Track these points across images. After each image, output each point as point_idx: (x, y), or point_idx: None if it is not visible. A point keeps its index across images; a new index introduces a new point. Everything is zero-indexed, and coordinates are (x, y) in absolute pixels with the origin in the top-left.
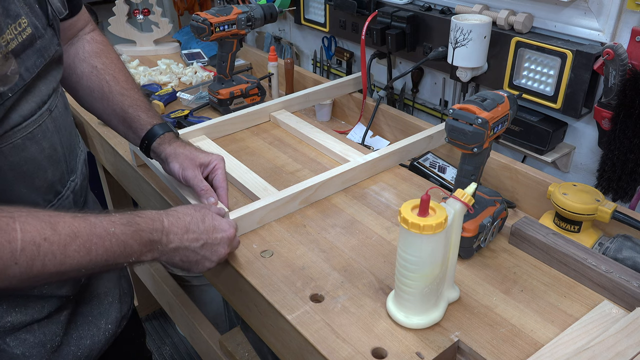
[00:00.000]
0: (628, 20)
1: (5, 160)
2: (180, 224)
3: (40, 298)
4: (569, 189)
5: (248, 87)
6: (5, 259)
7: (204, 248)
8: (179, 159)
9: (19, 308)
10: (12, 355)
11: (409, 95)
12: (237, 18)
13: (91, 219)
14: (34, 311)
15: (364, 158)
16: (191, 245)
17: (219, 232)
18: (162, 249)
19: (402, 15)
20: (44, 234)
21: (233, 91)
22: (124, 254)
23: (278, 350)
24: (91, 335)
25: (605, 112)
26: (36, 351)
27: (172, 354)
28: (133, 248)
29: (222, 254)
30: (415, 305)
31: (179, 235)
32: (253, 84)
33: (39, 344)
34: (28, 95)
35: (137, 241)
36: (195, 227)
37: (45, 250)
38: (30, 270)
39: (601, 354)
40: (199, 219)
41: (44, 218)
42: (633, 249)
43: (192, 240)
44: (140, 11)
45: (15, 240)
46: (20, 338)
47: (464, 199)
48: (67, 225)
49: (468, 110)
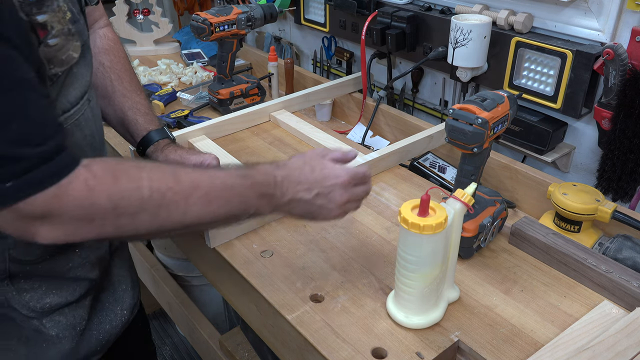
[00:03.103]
0: (628, 20)
1: None
2: (291, 177)
3: (74, 281)
4: (569, 189)
5: (248, 87)
6: (135, 205)
7: (318, 197)
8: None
9: (56, 290)
10: (48, 336)
11: (409, 95)
12: (237, 18)
13: (210, 172)
14: (68, 293)
15: (364, 158)
16: (304, 197)
17: (330, 179)
18: (277, 202)
19: (402, 15)
20: (168, 184)
21: (233, 91)
22: (242, 206)
23: (278, 350)
24: (109, 320)
25: (605, 112)
26: (68, 332)
27: (172, 354)
28: (251, 201)
29: (340, 200)
30: (415, 305)
31: (291, 188)
32: (253, 84)
33: (70, 326)
34: (72, 80)
35: (254, 194)
36: (305, 179)
37: (169, 199)
38: (156, 217)
39: (601, 354)
40: (308, 170)
41: (167, 169)
42: (633, 249)
43: (304, 191)
44: (140, 11)
45: (143, 188)
46: (54, 320)
47: (464, 199)
48: (188, 176)
49: (468, 110)
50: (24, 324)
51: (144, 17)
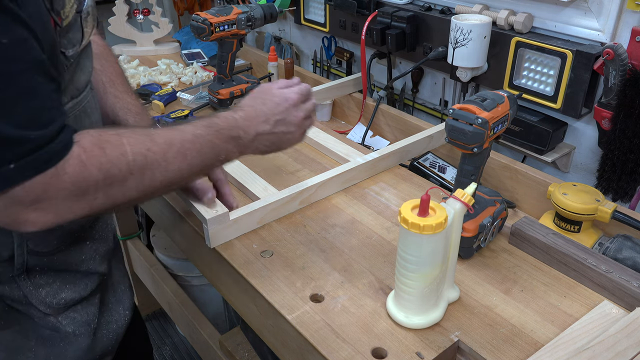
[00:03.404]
0: (628, 20)
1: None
2: (249, 115)
3: (86, 275)
4: (569, 189)
5: (248, 87)
6: (124, 171)
7: (278, 125)
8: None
9: (70, 285)
10: (66, 333)
11: (409, 95)
12: (237, 18)
13: (179, 127)
14: (80, 288)
15: (364, 158)
16: (265, 129)
17: (282, 103)
18: (244, 142)
19: (402, 15)
20: (146, 145)
21: (233, 91)
22: (213, 153)
23: (278, 350)
24: (115, 320)
25: (605, 112)
26: (84, 329)
27: (172, 354)
28: (220, 146)
29: (296, 119)
30: (415, 305)
31: (252, 126)
32: (253, 84)
33: (85, 322)
34: (79, 69)
35: (221, 139)
36: (261, 112)
37: (151, 160)
38: (143, 179)
39: (601, 354)
40: (260, 104)
41: (141, 132)
42: (633, 249)
43: (263, 123)
44: (140, 11)
45: (127, 154)
46: (70, 317)
47: (464, 199)
48: (161, 135)
49: (468, 110)
50: (41, 321)
51: (144, 17)
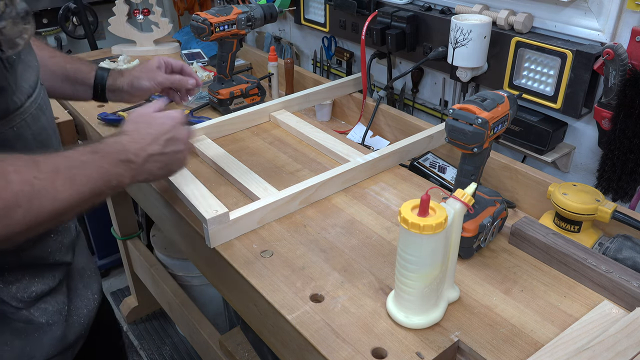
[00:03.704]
0: (628, 20)
1: (29, 130)
2: (136, 138)
3: (53, 266)
4: (569, 189)
5: (248, 87)
6: (10, 202)
7: (168, 144)
8: (142, 77)
9: (38, 278)
10: (39, 324)
11: (409, 95)
12: (237, 18)
13: (64, 154)
14: (49, 280)
15: (364, 158)
16: (156, 150)
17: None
18: (135, 165)
19: (402, 15)
20: (33, 173)
21: (233, 91)
22: (103, 179)
23: (278, 350)
24: (85, 304)
25: (605, 112)
26: (56, 318)
27: (172, 354)
28: (110, 172)
29: (184, 136)
30: (415, 305)
31: (141, 147)
32: (253, 84)
33: (57, 312)
34: (26, 67)
35: (110, 164)
36: (147, 134)
37: (38, 188)
38: (30, 210)
39: (601, 354)
40: (145, 127)
41: (27, 159)
42: (633, 249)
43: (153, 144)
44: (140, 11)
45: (13, 182)
46: (41, 308)
47: (464, 199)
48: (47, 162)
49: (468, 110)
50: (14, 316)
51: (144, 17)
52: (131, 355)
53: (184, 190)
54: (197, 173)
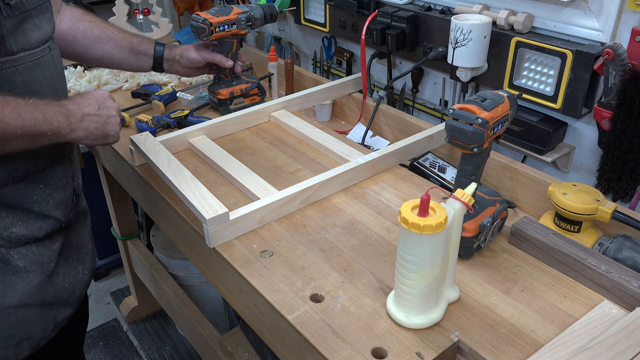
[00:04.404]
0: (628, 20)
1: (20, 77)
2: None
3: (39, 217)
4: (569, 189)
5: (248, 87)
6: None
7: (101, 108)
8: (190, 50)
9: (22, 223)
10: (16, 267)
11: (409, 95)
12: (237, 18)
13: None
14: (34, 229)
15: (364, 158)
16: (91, 111)
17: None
18: (74, 120)
19: (402, 15)
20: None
21: (233, 91)
22: (45, 119)
23: (278, 350)
24: (74, 274)
25: (605, 112)
26: (35, 267)
27: (172, 354)
28: (51, 116)
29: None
30: (415, 305)
31: (79, 107)
32: (253, 84)
33: (37, 261)
34: (32, 27)
35: (53, 111)
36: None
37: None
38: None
39: (601, 354)
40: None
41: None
42: (633, 249)
43: (89, 106)
44: (140, 11)
45: None
46: (22, 252)
47: (464, 199)
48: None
49: (468, 110)
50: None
51: (144, 17)
52: (131, 355)
53: (184, 190)
54: (197, 173)
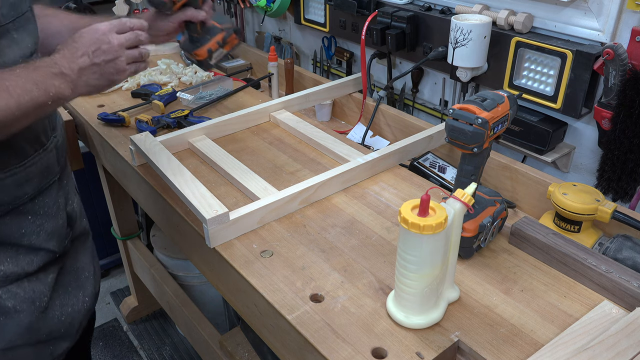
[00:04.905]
0: (628, 20)
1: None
2: (65, 53)
3: (30, 250)
4: (569, 189)
5: (225, 36)
6: None
7: (97, 55)
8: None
9: (11, 259)
10: (4, 307)
11: (409, 95)
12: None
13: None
14: (25, 263)
15: (364, 158)
16: (86, 62)
17: (91, 33)
18: (71, 79)
19: (402, 15)
20: None
21: (210, 48)
22: (39, 88)
23: (278, 350)
24: (72, 304)
25: (605, 112)
26: (26, 306)
27: (172, 354)
28: (45, 82)
29: (116, 42)
30: (415, 305)
31: (71, 61)
32: (229, 30)
33: (29, 299)
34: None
35: (45, 76)
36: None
37: None
38: None
39: (601, 354)
40: (71, 42)
41: None
42: (633, 249)
43: (82, 57)
44: (140, 11)
45: None
46: (11, 291)
47: (464, 199)
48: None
49: (468, 110)
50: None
51: None
52: (131, 355)
53: (184, 190)
54: (197, 173)
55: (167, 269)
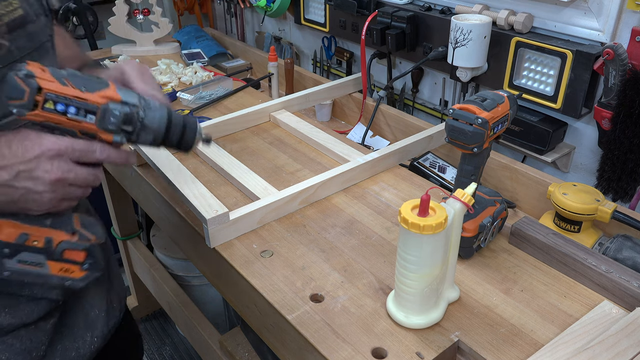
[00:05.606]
0: (628, 20)
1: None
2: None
3: (31, 300)
4: (569, 189)
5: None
6: None
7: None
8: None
9: (9, 309)
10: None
11: (409, 95)
12: (101, 107)
13: None
14: (24, 314)
15: (364, 158)
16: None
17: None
18: None
19: (402, 15)
20: None
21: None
22: None
23: (278, 350)
24: (76, 347)
25: (605, 112)
26: (21, 358)
27: (172, 354)
28: None
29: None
30: (415, 305)
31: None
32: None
33: (25, 350)
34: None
35: None
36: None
37: None
38: None
39: (601, 354)
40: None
41: None
42: (633, 249)
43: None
44: (140, 11)
45: None
46: (7, 343)
47: (464, 199)
48: None
49: (468, 110)
50: None
51: (144, 17)
52: None
53: (184, 190)
54: (197, 173)
55: (167, 269)
